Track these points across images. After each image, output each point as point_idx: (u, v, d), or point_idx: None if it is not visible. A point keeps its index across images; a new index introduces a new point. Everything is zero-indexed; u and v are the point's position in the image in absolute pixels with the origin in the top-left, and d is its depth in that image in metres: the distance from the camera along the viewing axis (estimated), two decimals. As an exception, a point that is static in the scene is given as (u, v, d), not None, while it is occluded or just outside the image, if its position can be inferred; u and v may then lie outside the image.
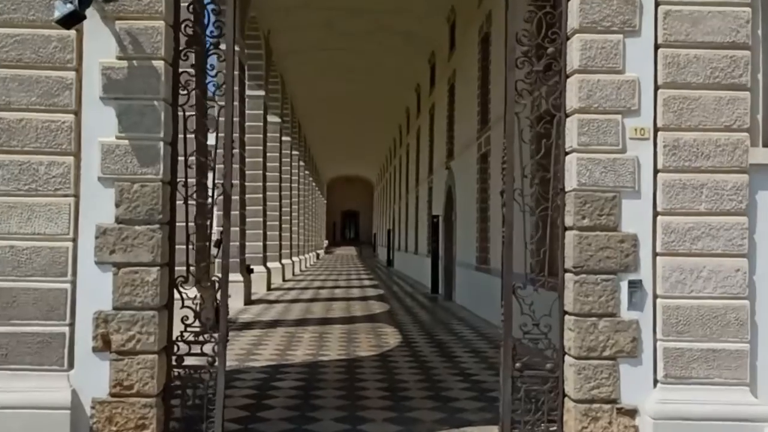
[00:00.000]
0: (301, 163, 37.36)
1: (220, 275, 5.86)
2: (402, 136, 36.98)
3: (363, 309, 16.16)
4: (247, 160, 20.66)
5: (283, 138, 28.57)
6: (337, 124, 41.70)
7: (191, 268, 5.62)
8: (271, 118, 25.06)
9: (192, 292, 5.68)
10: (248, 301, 16.84)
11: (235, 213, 16.22)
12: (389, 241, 44.60)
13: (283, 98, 26.50)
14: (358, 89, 31.44)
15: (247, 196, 20.53)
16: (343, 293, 20.96)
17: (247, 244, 20.39)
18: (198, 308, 5.55)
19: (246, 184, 20.35)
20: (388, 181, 48.70)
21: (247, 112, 20.74)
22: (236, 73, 19.80)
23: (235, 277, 16.05)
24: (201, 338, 5.41)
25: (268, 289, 21.27)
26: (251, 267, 17.96)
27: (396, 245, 40.35)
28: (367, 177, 72.48)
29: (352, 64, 27.26)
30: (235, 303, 15.62)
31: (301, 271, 34.84)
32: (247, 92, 20.64)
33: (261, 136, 21.10)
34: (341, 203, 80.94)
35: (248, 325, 12.74)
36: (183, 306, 5.48)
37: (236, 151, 19.86)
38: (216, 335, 5.36)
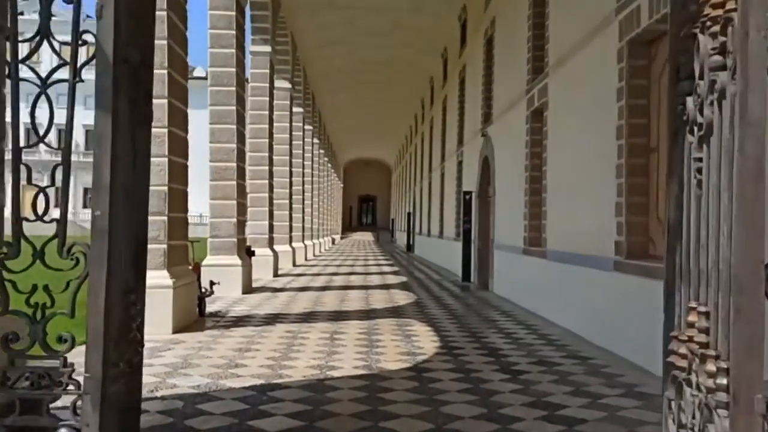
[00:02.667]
0: (315, 140, 34.52)
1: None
2: (425, 109, 34.01)
3: (384, 300, 13.34)
4: (249, 126, 17.89)
5: (295, 109, 25.73)
6: (354, 103, 38.97)
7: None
8: (280, 84, 22.25)
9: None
10: (248, 289, 14.08)
11: (230, 183, 13.44)
12: (409, 225, 41.71)
13: (294, 62, 23.61)
14: (378, 59, 28.77)
15: (249, 167, 17.79)
16: (360, 281, 18.16)
17: (249, 222, 17.66)
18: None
19: (249, 153, 17.61)
20: (408, 162, 45.76)
21: (250, 71, 17.91)
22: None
23: (231, 259, 13.29)
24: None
25: (275, 275, 18.52)
26: (252, 249, 15.20)
27: (417, 229, 37.46)
28: (385, 160, 69.60)
29: (371, 28, 24.62)
30: (231, 291, 12.88)
31: (314, 255, 32.11)
32: (251, 47, 17.77)
33: (267, 98, 18.23)
34: (358, 187, 78.22)
35: (241, 321, 9.97)
36: None
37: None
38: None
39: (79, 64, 3.34)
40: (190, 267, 9.93)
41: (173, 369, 6.64)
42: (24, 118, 3.17)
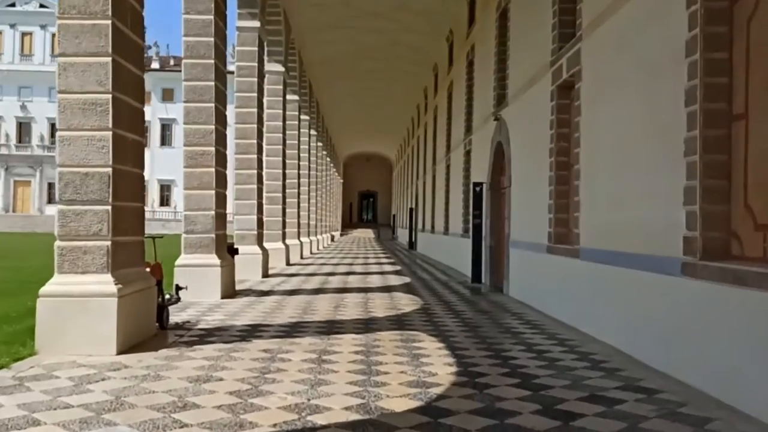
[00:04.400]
0: (313, 132, 32.68)
1: None
2: (428, 99, 32.16)
3: (386, 305, 11.53)
4: (236, 109, 16.13)
5: (289, 96, 23.94)
6: (353, 93, 37.18)
7: None
8: (272, 66, 20.55)
9: None
10: (228, 293, 12.26)
11: (207, 170, 11.65)
12: (411, 222, 39.89)
13: (287, 44, 21.77)
14: (378, 44, 27.02)
15: (236, 155, 16.11)
16: (359, 282, 16.34)
17: (236, 216, 15.92)
18: None
19: (236, 139, 15.94)
20: (410, 156, 43.93)
21: (237, 48, 16.14)
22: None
23: (208, 259, 11.48)
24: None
25: (264, 275, 16.70)
26: (236, 246, 13.38)
27: (420, 226, 35.64)
28: (386, 155, 67.82)
29: (371, 9, 22.84)
30: (208, 296, 11.09)
31: (311, 253, 30.30)
32: (237, 22, 15.97)
33: (255, 79, 16.41)
34: (358, 183, 76.53)
35: (210, 335, 8.15)
36: None
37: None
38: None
39: None
40: (148, 269, 8.09)
41: (95, 414, 4.81)
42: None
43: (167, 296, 8.84)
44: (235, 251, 13.10)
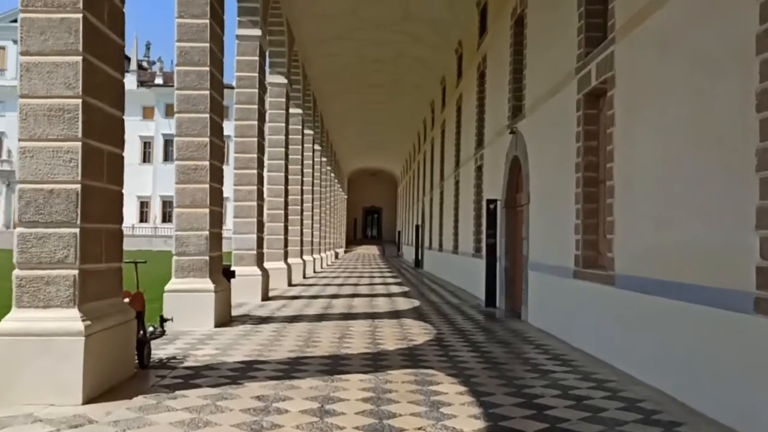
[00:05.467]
0: (317, 147, 31.78)
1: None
2: (435, 113, 31.28)
3: (396, 335, 10.50)
4: (235, 122, 15.22)
5: (293, 110, 23.08)
6: (358, 107, 36.39)
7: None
8: (274, 78, 19.71)
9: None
10: (224, 320, 11.24)
11: (201, 186, 10.71)
12: (418, 239, 38.84)
13: (290, 55, 20.90)
14: (384, 56, 26.25)
15: (235, 170, 15.22)
16: (365, 304, 15.30)
17: (234, 236, 14.95)
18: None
19: (235, 153, 15.09)
20: (416, 171, 42.99)
21: (236, 57, 15.27)
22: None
23: (201, 283, 10.49)
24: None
25: (264, 298, 15.68)
26: (232, 269, 12.37)
27: (426, 243, 34.59)
28: (391, 170, 66.96)
29: (377, 20, 22.06)
30: (201, 324, 10.09)
31: (315, 272, 29.27)
32: (237, 30, 15.11)
33: (256, 91, 15.50)
34: (363, 199, 75.62)
35: (197, 375, 7.13)
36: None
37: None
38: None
39: None
40: (127, 299, 7.09)
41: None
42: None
43: (150, 329, 7.84)
44: (232, 274, 12.09)
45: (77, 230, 5.88)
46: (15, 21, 66.62)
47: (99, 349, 6.04)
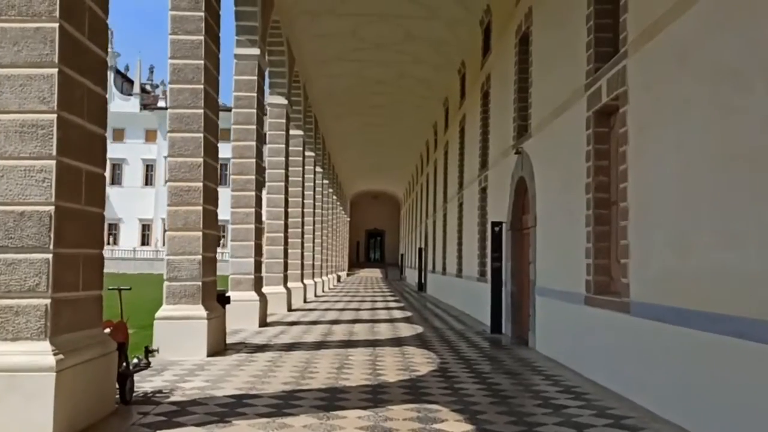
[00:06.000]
0: (318, 169, 31.43)
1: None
2: (438, 135, 30.94)
3: (397, 365, 9.96)
4: (233, 143, 14.84)
5: (293, 131, 22.79)
6: (362, 132, 36.15)
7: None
8: (274, 99, 19.41)
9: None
10: (217, 348, 10.72)
11: (195, 209, 10.27)
12: (421, 262, 38.31)
13: (291, 75, 20.60)
14: (386, 77, 25.99)
15: (232, 192, 14.82)
16: (366, 331, 14.76)
17: (231, 260, 14.50)
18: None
19: (232, 175, 14.67)
20: (419, 193, 42.60)
21: (234, 77, 14.95)
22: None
23: (193, 310, 10.02)
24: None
25: (262, 323, 15.15)
26: (228, 294, 11.87)
27: (430, 267, 34.05)
28: (394, 192, 66.59)
29: (379, 39, 21.81)
30: (192, 353, 9.58)
31: (316, 296, 28.72)
32: (235, 49, 14.81)
33: (254, 111, 15.14)
34: (365, 221, 75.19)
35: (183, 412, 6.59)
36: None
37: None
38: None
39: None
40: (108, 329, 6.60)
41: None
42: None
43: (135, 360, 7.34)
44: (227, 300, 11.60)
45: (50, 256, 5.41)
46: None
47: (73, 384, 5.54)
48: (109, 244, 67.05)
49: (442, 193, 28.94)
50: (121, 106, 65.34)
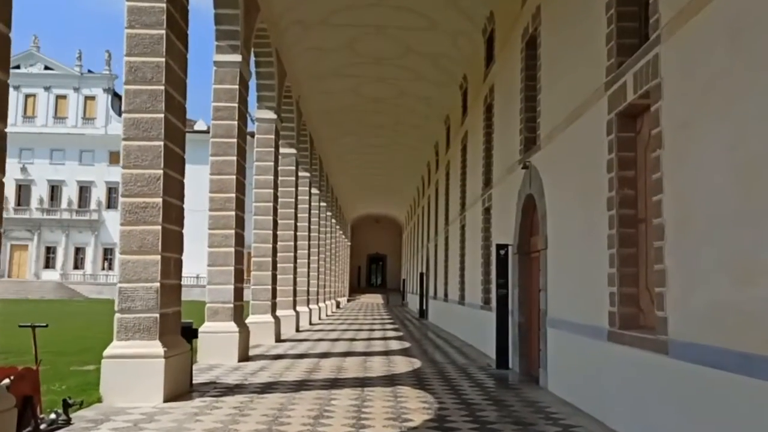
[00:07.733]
0: (315, 191, 30.08)
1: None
2: (439, 155, 29.62)
3: (387, 413, 8.46)
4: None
5: (285, 150, 21.51)
6: (361, 153, 34.94)
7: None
8: (263, 114, 18.14)
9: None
10: (178, 391, 9.19)
11: (152, 228, 8.84)
12: (422, 288, 36.77)
13: (281, 88, 19.32)
14: (385, 95, 24.81)
15: (211, 212, 13.45)
16: (357, 366, 13.24)
17: (208, 287, 13.08)
18: None
19: (211, 193, 13.33)
20: (420, 217, 41.21)
21: (213, 86, 13.66)
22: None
23: (148, 347, 8.55)
24: None
25: (241, 358, 13.62)
26: (195, 328, 10.38)
27: (431, 293, 32.51)
28: (395, 216, 65.24)
29: (376, 55, 20.63)
30: (144, 398, 8.09)
31: (311, 324, 27.17)
32: (215, 56, 13.52)
33: (235, 122, 13.80)
34: (367, 246, 73.76)
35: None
36: None
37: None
38: None
39: None
40: (7, 379, 5.15)
41: None
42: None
43: (52, 416, 5.87)
44: (194, 333, 10.14)
45: None
46: (48, 68, 66.51)
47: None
48: (103, 269, 65.67)
49: (443, 215, 27.53)
50: (118, 129, 64.34)
